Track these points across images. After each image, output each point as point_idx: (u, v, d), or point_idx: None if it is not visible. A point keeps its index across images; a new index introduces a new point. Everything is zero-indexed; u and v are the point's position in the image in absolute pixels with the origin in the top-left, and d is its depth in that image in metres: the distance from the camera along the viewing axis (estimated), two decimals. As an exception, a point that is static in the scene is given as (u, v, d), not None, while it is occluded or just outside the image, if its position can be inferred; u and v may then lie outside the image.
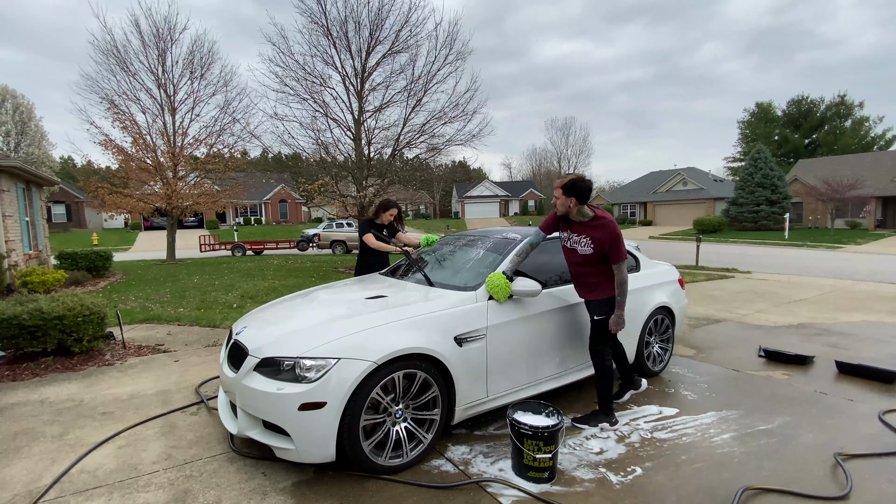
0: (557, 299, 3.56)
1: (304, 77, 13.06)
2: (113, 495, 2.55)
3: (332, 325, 2.87)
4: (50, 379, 4.40)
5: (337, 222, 22.95)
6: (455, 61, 13.19)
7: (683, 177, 45.02)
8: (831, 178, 29.21)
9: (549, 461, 2.62)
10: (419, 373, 2.79)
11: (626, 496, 2.53)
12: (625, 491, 2.58)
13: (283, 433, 2.58)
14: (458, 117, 13.43)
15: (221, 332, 6.15)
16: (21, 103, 41.09)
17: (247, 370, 2.74)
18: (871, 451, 2.96)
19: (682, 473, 2.75)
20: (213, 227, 40.53)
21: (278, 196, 49.07)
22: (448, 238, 4.61)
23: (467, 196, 59.06)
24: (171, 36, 16.02)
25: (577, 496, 2.54)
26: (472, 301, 3.15)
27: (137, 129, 15.79)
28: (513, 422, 2.70)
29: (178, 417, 3.56)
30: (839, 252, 19.56)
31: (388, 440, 2.74)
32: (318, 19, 12.71)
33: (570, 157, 68.02)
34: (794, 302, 8.09)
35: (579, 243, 3.27)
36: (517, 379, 3.32)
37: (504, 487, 2.61)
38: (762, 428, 3.32)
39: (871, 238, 25.31)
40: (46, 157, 42.67)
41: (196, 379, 4.34)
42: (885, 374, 4.19)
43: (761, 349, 5.05)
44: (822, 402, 3.77)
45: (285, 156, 18.44)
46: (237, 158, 18.03)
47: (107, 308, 5.29)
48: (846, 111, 53.91)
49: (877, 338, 5.72)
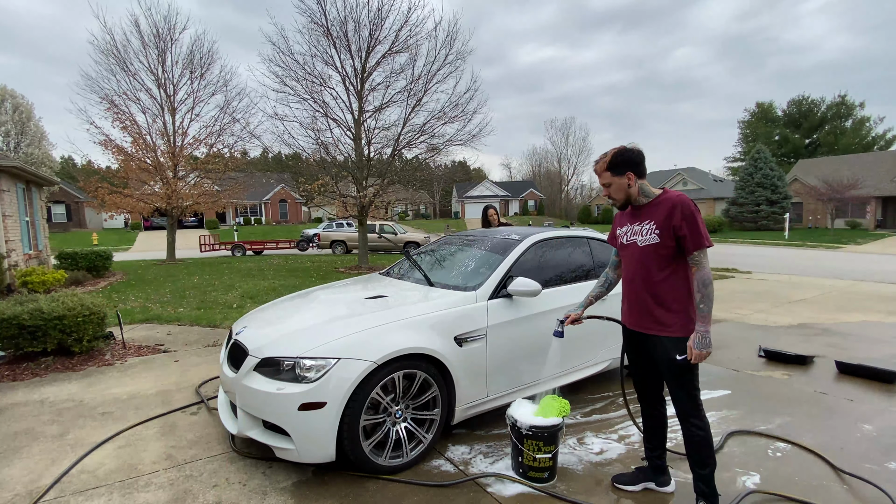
0: (558, 299, 3.56)
1: (304, 77, 13.08)
2: (113, 495, 2.55)
3: (331, 325, 2.87)
4: (50, 379, 4.40)
5: (337, 222, 22.94)
6: (455, 61, 13.20)
7: (683, 177, 45.05)
8: (831, 178, 29.24)
9: (549, 461, 2.62)
10: (419, 373, 2.79)
11: (627, 495, 2.54)
12: (626, 490, 2.58)
13: (283, 433, 2.58)
14: (458, 117, 13.44)
15: (221, 332, 6.15)
16: (21, 103, 41.09)
17: (247, 370, 2.74)
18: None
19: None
20: (213, 227, 40.54)
21: (278, 196, 49.08)
22: (448, 238, 4.61)
23: (467, 196, 59.05)
24: (170, 36, 16.02)
25: (578, 495, 2.54)
26: (472, 301, 3.15)
27: (137, 129, 15.79)
28: (513, 422, 2.70)
29: (178, 417, 3.56)
30: (839, 252, 19.56)
31: (388, 440, 2.74)
32: (318, 19, 12.72)
33: (570, 156, 68.10)
34: (794, 302, 8.09)
35: (640, 233, 2.31)
36: (517, 379, 3.32)
37: (504, 487, 2.61)
38: (762, 428, 3.32)
39: (871, 238, 25.31)
40: (46, 157, 42.67)
41: (196, 379, 4.34)
42: (885, 374, 4.19)
43: (761, 349, 5.05)
44: (823, 403, 3.77)
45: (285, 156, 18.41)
46: (237, 158, 18.02)
47: (107, 308, 5.29)
48: (846, 111, 53.95)
49: (877, 338, 5.72)
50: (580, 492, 2.58)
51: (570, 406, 2.78)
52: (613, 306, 4.01)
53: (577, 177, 69.74)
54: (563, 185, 68.58)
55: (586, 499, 2.51)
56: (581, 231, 4.35)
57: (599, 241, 4.25)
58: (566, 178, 68.72)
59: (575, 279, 3.84)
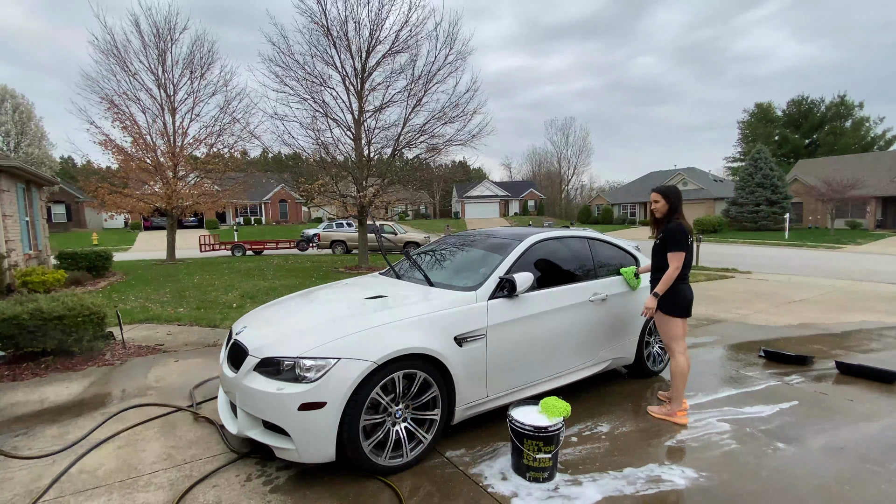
0: (557, 299, 3.56)
1: (304, 77, 13.07)
2: (113, 495, 2.55)
3: (331, 325, 2.87)
4: (50, 379, 4.40)
5: (337, 222, 22.91)
6: (455, 61, 13.19)
7: (683, 177, 45.04)
8: (831, 178, 29.22)
9: (549, 461, 2.62)
10: (419, 373, 2.79)
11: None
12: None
13: (283, 433, 2.58)
14: (458, 117, 13.43)
15: (221, 332, 6.15)
16: (21, 103, 41.08)
17: (247, 370, 2.74)
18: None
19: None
20: (213, 227, 40.53)
21: (278, 196, 49.08)
22: (448, 238, 4.60)
23: (467, 196, 59.06)
24: (171, 36, 16.00)
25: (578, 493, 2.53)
26: (472, 301, 3.15)
27: (137, 129, 15.77)
28: (512, 422, 2.70)
29: (178, 417, 3.55)
30: (839, 252, 19.56)
31: (388, 440, 2.73)
32: (318, 19, 12.71)
33: (570, 156, 68.12)
34: (794, 302, 8.09)
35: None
36: (517, 379, 3.32)
37: (504, 487, 2.61)
38: (762, 428, 3.32)
39: (871, 238, 25.31)
40: (46, 157, 42.65)
41: (196, 379, 4.34)
42: (885, 374, 4.19)
43: (761, 349, 5.05)
44: (822, 403, 3.77)
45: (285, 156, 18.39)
46: (237, 158, 18.01)
47: (107, 308, 5.29)
48: (846, 111, 53.93)
49: (877, 338, 5.72)
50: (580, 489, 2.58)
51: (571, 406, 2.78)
52: (619, 301, 4.01)
53: (577, 177, 69.86)
54: (563, 185, 68.61)
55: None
56: (581, 231, 4.35)
57: (599, 241, 4.25)
58: (566, 178, 68.77)
59: (575, 279, 3.84)
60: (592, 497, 2.52)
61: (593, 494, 2.54)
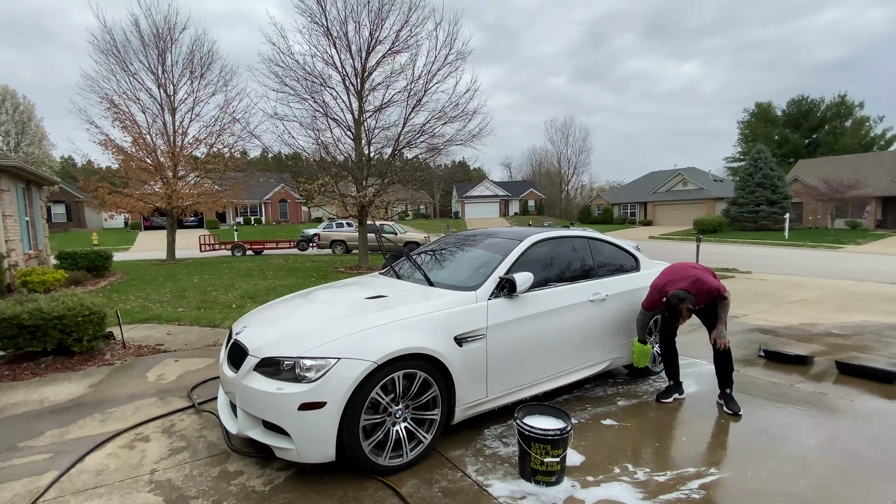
0: (557, 299, 3.56)
1: (304, 77, 13.06)
2: (113, 495, 2.55)
3: (331, 325, 2.87)
4: (50, 379, 4.40)
5: (337, 222, 22.90)
6: (455, 61, 13.19)
7: (683, 177, 45.02)
8: (831, 178, 29.19)
9: (558, 465, 2.59)
10: (419, 373, 2.78)
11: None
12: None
13: (283, 433, 2.58)
14: (458, 117, 13.42)
15: (221, 332, 6.14)
16: (21, 103, 41.07)
17: (247, 370, 2.74)
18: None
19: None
20: (213, 227, 40.50)
21: (278, 196, 49.05)
22: (448, 238, 4.60)
23: (467, 196, 59.02)
24: (170, 36, 16.00)
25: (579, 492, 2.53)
26: (472, 301, 3.15)
27: (137, 129, 15.77)
28: (520, 425, 2.67)
29: (177, 417, 3.55)
30: (839, 252, 19.55)
31: (388, 440, 2.73)
32: (318, 19, 12.71)
33: (570, 157, 68.00)
34: (794, 302, 8.09)
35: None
36: (517, 379, 3.32)
37: (505, 488, 2.61)
38: (762, 427, 3.32)
39: (871, 238, 25.30)
40: (46, 156, 42.63)
41: (196, 379, 4.34)
42: (885, 374, 4.19)
43: (761, 349, 5.05)
44: (822, 403, 3.77)
45: (285, 156, 18.38)
46: (237, 158, 17.99)
47: (107, 308, 5.28)
48: (846, 111, 53.87)
49: (877, 338, 5.72)
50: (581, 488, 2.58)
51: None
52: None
53: (577, 177, 69.72)
54: (563, 185, 68.50)
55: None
56: (581, 231, 4.35)
57: (600, 241, 4.25)
58: (566, 178, 68.67)
59: (575, 278, 3.84)
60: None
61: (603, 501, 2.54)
